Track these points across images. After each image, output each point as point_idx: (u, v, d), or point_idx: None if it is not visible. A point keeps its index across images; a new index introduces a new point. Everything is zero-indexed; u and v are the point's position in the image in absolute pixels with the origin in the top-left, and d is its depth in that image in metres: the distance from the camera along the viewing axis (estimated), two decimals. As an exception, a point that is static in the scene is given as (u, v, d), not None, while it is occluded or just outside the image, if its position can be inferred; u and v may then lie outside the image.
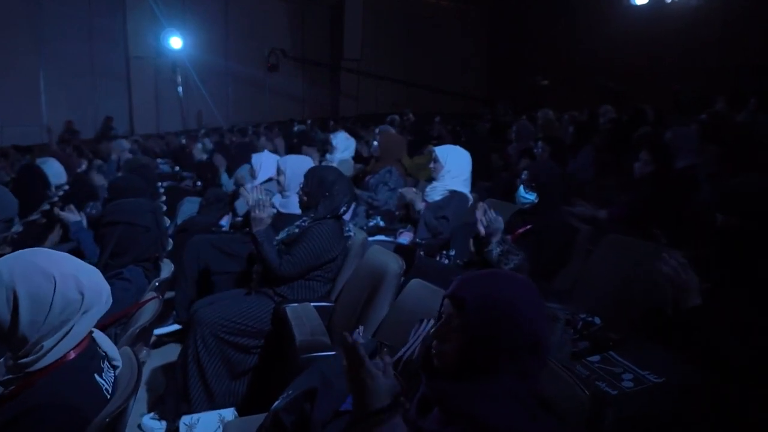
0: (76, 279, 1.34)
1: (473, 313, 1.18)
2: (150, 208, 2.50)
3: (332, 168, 3.01)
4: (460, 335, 1.20)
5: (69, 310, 1.31)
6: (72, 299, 1.31)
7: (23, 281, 1.27)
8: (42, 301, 1.28)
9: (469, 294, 1.20)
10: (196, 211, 5.18)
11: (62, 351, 1.32)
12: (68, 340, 1.33)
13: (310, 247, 2.69)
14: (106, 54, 14.75)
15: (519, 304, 1.18)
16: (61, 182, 6.30)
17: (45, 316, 1.28)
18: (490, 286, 1.22)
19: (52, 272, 1.31)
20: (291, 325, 2.22)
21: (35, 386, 1.30)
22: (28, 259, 1.33)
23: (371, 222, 4.12)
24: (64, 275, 1.32)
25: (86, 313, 1.35)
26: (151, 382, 3.14)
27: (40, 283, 1.28)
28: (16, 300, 1.26)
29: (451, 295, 1.25)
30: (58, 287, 1.30)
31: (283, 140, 7.93)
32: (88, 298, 1.34)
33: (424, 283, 1.98)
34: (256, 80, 16.76)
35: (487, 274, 1.30)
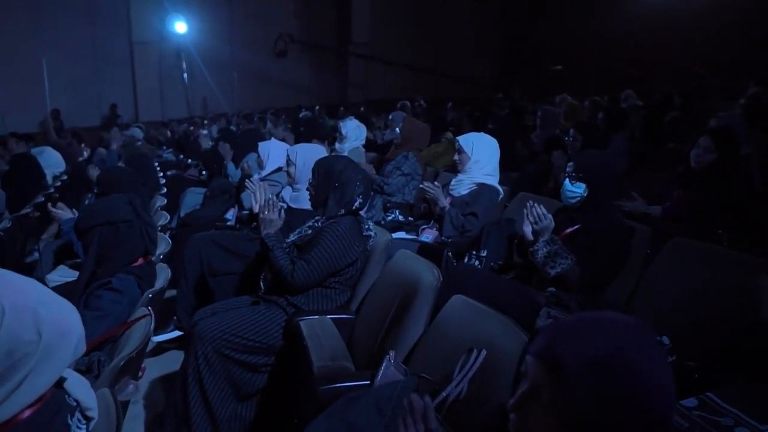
0: (35, 314, 1.00)
1: (578, 386, 0.81)
2: (125, 200, 2.15)
3: (341, 157, 2.66)
4: (554, 413, 0.84)
5: (18, 355, 0.98)
6: (24, 340, 0.98)
7: None
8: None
9: (568, 355, 0.83)
10: (199, 204, 4.88)
11: (12, 410, 1.00)
12: (19, 396, 1.00)
13: (326, 250, 2.34)
14: (109, 39, 14.44)
15: (642, 365, 0.81)
16: (59, 172, 6.02)
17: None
18: (597, 342, 0.83)
19: (2, 302, 0.98)
20: (307, 345, 1.89)
21: None
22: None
23: (389, 216, 3.79)
24: (18, 308, 0.99)
25: (46, 360, 1.01)
26: (149, 397, 2.85)
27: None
28: None
29: (541, 354, 0.87)
30: (6, 322, 0.97)
31: (290, 129, 7.58)
32: (47, 341, 1.01)
33: (468, 301, 1.63)
34: (262, 66, 16.41)
35: (587, 321, 0.89)
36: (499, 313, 1.49)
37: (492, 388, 1.34)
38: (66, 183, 5.73)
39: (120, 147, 7.01)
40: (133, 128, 8.31)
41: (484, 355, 1.38)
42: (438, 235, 3.27)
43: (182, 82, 15.16)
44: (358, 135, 5.12)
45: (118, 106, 14.29)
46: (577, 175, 2.43)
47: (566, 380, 0.82)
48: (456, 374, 1.40)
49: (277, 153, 4.06)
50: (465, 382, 1.37)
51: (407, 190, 4.13)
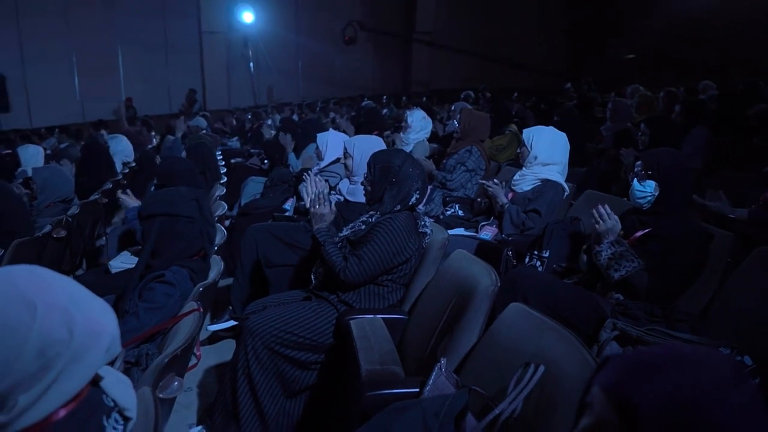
0: (67, 313, 0.98)
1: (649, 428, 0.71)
2: (192, 196, 2.15)
3: (398, 151, 2.57)
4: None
5: (50, 353, 0.96)
6: (55, 339, 0.96)
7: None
8: (13, 335, 0.93)
9: (642, 394, 0.73)
10: (260, 192, 4.93)
11: (45, 411, 0.97)
12: (53, 396, 0.98)
13: (379, 247, 2.27)
14: (179, 29, 14.90)
15: (728, 414, 0.70)
16: (129, 159, 6.23)
17: (17, 358, 0.93)
18: (677, 381, 0.73)
19: (35, 300, 0.96)
20: (356, 347, 1.83)
21: None
22: (11, 278, 0.99)
23: (448, 211, 3.68)
24: (50, 306, 0.97)
25: (78, 361, 0.99)
26: (203, 386, 2.88)
27: (16, 311, 0.94)
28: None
29: (611, 389, 0.77)
30: (38, 320, 0.95)
31: (350, 120, 7.55)
32: (78, 341, 0.98)
33: (527, 310, 1.51)
34: (326, 55, 16.50)
35: (667, 356, 0.78)
36: (562, 327, 1.37)
37: (549, 408, 1.23)
38: (134, 170, 5.92)
39: (184, 135, 7.19)
40: (198, 117, 8.50)
41: (542, 371, 1.27)
42: (498, 232, 3.14)
43: (248, 71, 15.45)
44: (423, 126, 5.02)
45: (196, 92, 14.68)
46: (645, 172, 2.25)
47: (637, 422, 0.72)
48: (510, 390, 1.30)
49: (335, 144, 4.02)
50: (520, 399, 1.27)
51: (470, 185, 4.00)
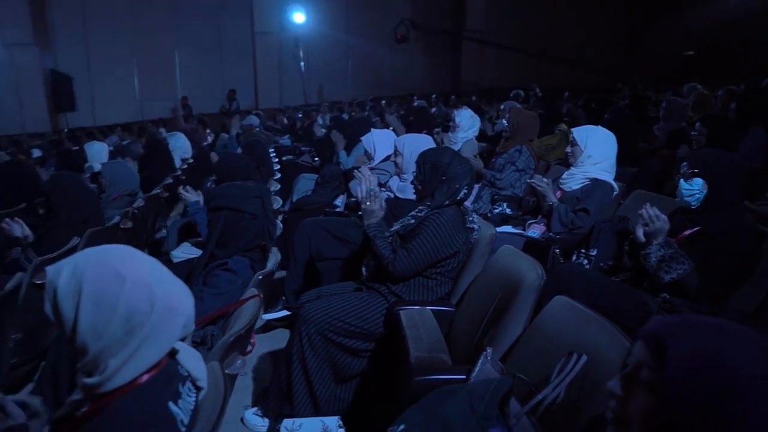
0: (150, 289, 1.12)
1: (675, 367, 0.82)
2: (257, 194, 2.30)
3: (446, 149, 2.65)
4: (651, 393, 0.85)
5: (134, 322, 1.10)
6: (139, 309, 1.10)
7: (92, 276, 1.08)
8: (105, 303, 1.08)
9: (673, 340, 0.85)
10: (311, 189, 5.07)
11: (132, 374, 1.11)
12: (138, 362, 1.12)
13: (427, 240, 2.35)
14: (233, 30, 15.34)
15: (746, 369, 0.80)
16: (186, 156, 6.50)
17: (107, 323, 1.08)
18: (706, 338, 0.84)
19: (125, 274, 1.10)
20: (405, 335, 1.92)
21: (103, 413, 1.10)
22: (104, 254, 1.15)
23: (496, 209, 3.72)
24: (137, 281, 1.11)
25: (158, 331, 1.13)
26: (257, 371, 3.02)
27: (107, 282, 1.09)
28: (80, 295, 1.07)
29: (647, 335, 0.89)
30: (126, 291, 1.09)
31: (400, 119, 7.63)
32: (157, 315, 1.12)
33: (571, 303, 1.57)
34: (376, 54, 16.61)
35: (704, 321, 0.90)
36: (604, 319, 1.42)
37: (591, 395, 1.29)
38: (192, 166, 6.17)
39: (239, 133, 7.43)
40: (251, 116, 8.75)
41: (585, 360, 1.33)
42: (545, 230, 3.17)
43: (299, 70, 15.74)
44: (471, 125, 5.06)
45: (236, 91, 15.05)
46: (692, 171, 2.25)
47: (666, 362, 0.83)
48: (554, 377, 1.36)
49: (383, 142, 4.12)
50: (563, 386, 1.33)
51: (519, 184, 4.03)
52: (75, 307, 1.07)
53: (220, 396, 1.24)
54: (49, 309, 1.10)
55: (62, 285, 1.07)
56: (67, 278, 1.08)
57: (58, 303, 1.08)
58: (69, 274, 1.08)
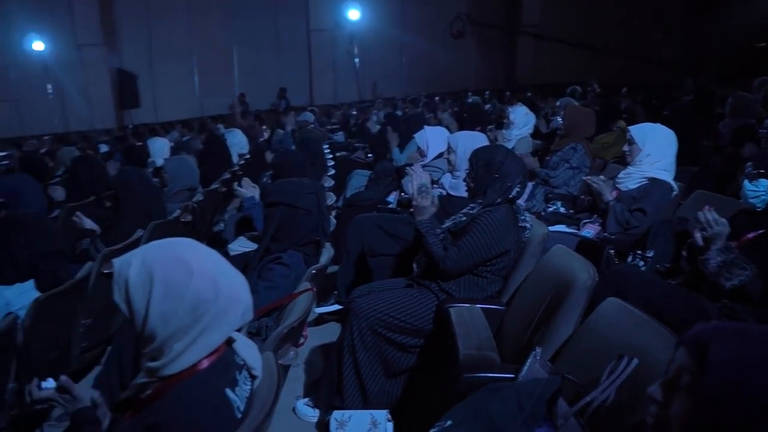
0: (214, 279, 1.19)
1: (716, 372, 0.82)
2: (312, 190, 2.36)
3: (499, 147, 2.64)
4: (692, 398, 0.85)
5: (200, 310, 1.17)
6: (205, 298, 1.17)
7: (162, 267, 1.16)
8: (175, 291, 1.16)
9: (714, 345, 0.84)
10: (364, 185, 5.12)
11: (193, 359, 1.19)
12: (200, 347, 1.19)
13: (478, 237, 2.35)
14: (289, 28, 15.62)
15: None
16: (243, 151, 6.68)
17: (175, 310, 1.16)
18: (749, 344, 0.84)
19: (192, 265, 1.18)
20: (455, 332, 1.93)
21: (165, 396, 1.17)
22: (172, 246, 1.23)
23: (550, 207, 3.68)
24: (203, 272, 1.19)
25: (220, 319, 1.19)
26: (309, 363, 3.09)
27: (176, 272, 1.17)
28: (152, 285, 1.15)
29: (689, 340, 0.89)
30: (193, 281, 1.16)
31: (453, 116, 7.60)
32: (222, 303, 1.19)
33: (623, 305, 1.55)
34: (430, 50, 16.54)
35: (748, 327, 0.91)
36: (657, 323, 1.40)
37: (641, 399, 1.27)
38: (248, 161, 6.34)
39: (294, 129, 7.57)
40: (306, 112, 8.89)
41: (636, 363, 1.31)
42: (600, 230, 3.11)
43: (353, 67, 15.87)
44: (526, 122, 5.01)
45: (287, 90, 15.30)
46: (757, 172, 2.17)
47: (706, 366, 0.82)
48: (603, 379, 1.35)
49: (436, 139, 4.12)
50: (612, 388, 1.32)
51: (573, 183, 3.96)
52: (146, 297, 1.14)
53: (274, 385, 1.30)
54: (118, 298, 1.17)
55: (133, 276, 1.15)
56: (138, 270, 1.15)
57: (129, 293, 1.15)
58: (139, 265, 1.16)
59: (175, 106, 15.25)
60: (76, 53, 14.93)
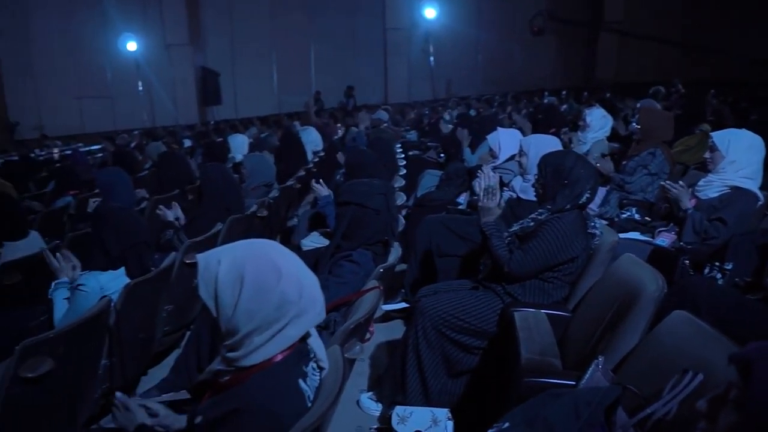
0: (299, 281, 1.29)
1: (757, 388, 0.84)
2: (382, 191, 2.44)
3: (569, 152, 2.61)
4: (737, 413, 0.87)
5: (284, 309, 1.26)
6: (290, 299, 1.27)
7: (253, 268, 1.25)
8: (264, 292, 1.25)
9: (759, 362, 0.86)
10: (435, 185, 5.15)
11: (270, 352, 1.28)
12: (278, 341, 1.28)
13: (545, 243, 2.35)
14: (365, 27, 15.84)
15: None
16: (318, 149, 6.86)
17: (261, 308, 1.25)
18: None
19: (281, 267, 1.28)
20: (518, 336, 1.95)
21: (242, 385, 1.27)
22: (262, 248, 1.32)
23: (624, 213, 3.59)
24: (290, 274, 1.28)
25: (299, 317, 1.29)
26: (374, 358, 3.16)
27: (267, 274, 1.26)
28: (242, 284, 1.23)
29: (737, 356, 0.91)
30: (281, 283, 1.26)
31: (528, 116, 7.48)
32: (303, 303, 1.29)
33: (692, 318, 1.52)
34: (506, 48, 16.33)
35: None
36: (726, 339, 1.37)
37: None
38: (322, 159, 6.51)
39: (367, 128, 7.69)
40: (380, 110, 9.01)
41: (701, 380, 1.29)
42: (676, 239, 3.01)
43: (428, 65, 15.89)
44: (603, 125, 4.87)
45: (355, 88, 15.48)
46: None
47: (751, 383, 0.84)
48: (666, 393, 1.33)
49: (509, 141, 4.10)
50: (674, 402, 1.30)
51: (650, 189, 3.82)
52: (235, 296, 1.24)
53: (339, 377, 1.37)
54: (205, 294, 1.27)
55: (224, 274, 1.24)
56: (228, 269, 1.25)
57: (218, 290, 1.25)
58: (229, 265, 1.25)
59: (254, 102, 15.83)
60: (165, 53, 15.79)
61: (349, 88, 15.43)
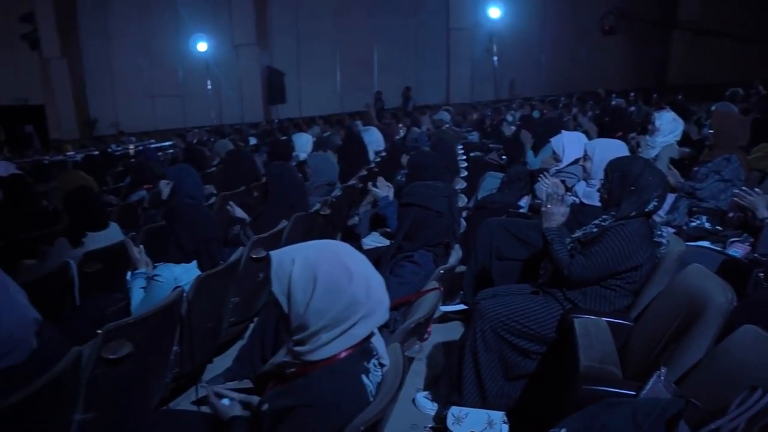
0: (368, 283, 1.35)
1: None
2: (445, 193, 2.48)
3: (637, 158, 2.56)
4: None
5: (352, 310, 1.32)
6: (358, 300, 1.33)
7: (326, 269, 1.32)
8: (335, 292, 1.31)
9: None
10: (496, 187, 5.13)
11: (336, 349, 1.33)
12: (345, 340, 1.34)
13: (608, 249, 2.31)
14: (428, 27, 15.87)
15: None
16: (379, 149, 6.94)
17: (331, 308, 1.31)
18: None
19: (352, 269, 1.34)
20: (577, 343, 1.94)
21: (307, 378, 1.33)
22: (334, 250, 1.38)
23: (693, 222, 3.47)
24: (359, 275, 1.34)
25: (366, 318, 1.34)
26: (431, 358, 3.19)
27: (339, 275, 1.32)
28: (315, 284, 1.30)
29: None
30: (352, 285, 1.32)
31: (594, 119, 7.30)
32: (371, 304, 1.34)
33: (763, 334, 1.47)
34: (573, 47, 15.95)
35: None
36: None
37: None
38: (384, 159, 6.58)
39: (429, 129, 7.71)
40: (442, 111, 9.00)
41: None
42: (750, 251, 2.89)
43: (491, 65, 15.74)
44: (673, 129, 4.71)
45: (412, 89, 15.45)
46: None
47: None
48: (733, 409, 1.31)
49: (573, 145, 4.03)
50: (743, 419, 1.27)
51: (723, 196, 3.67)
52: (308, 295, 1.31)
53: (399, 374, 1.42)
54: (278, 290, 1.34)
55: (297, 273, 1.31)
56: (302, 268, 1.31)
57: (291, 288, 1.32)
58: (303, 264, 1.32)
59: (318, 101, 16.14)
60: (233, 52, 16.31)
61: (407, 88, 15.47)
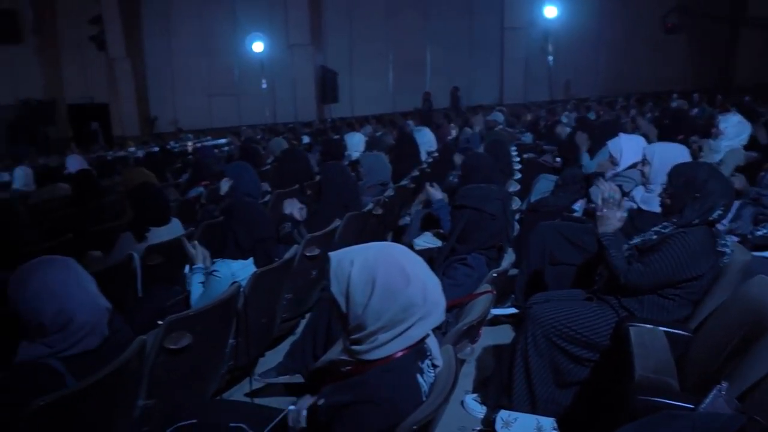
0: (425, 286, 1.37)
1: None
2: (499, 196, 2.48)
3: (702, 164, 2.48)
4: None
5: (409, 312, 1.35)
6: (415, 302, 1.35)
7: (384, 272, 1.35)
8: (393, 295, 1.33)
9: None
10: (550, 190, 5.05)
11: (393, 349, 1.36)
12: (401, 340, 1.36)
13: (668, 257, 2.26)
14: (482, 27, 15.75)
15: None
16: (431, 149, 6.94)
17: (389, 310, 1.34)
18: None
19: (409, 272, 1.36)
20: (632, 352, 1.90)
21: (363, 375, 1.36)
22: (393, 253, 1.41)
23: (759, 231, 3.33)
24: (417, 279, 1.36)
25: (423, 320, 1.37)
26: (481, 361, 3.18)
27: (397, 278, 1.34)
28: (373, 286, 1.33)
29: None
30: (409, 288, 1.34)
31: (654, 121, 7.08)
32: (427, 307, 1.36)
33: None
34: (631, 46, 15.48)
35: None
36: None
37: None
38: (436, 160, 6.57)
39: (482, 130, 7.65)
40: (495, 112, 8.92)
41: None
42: (820, 261, 2.76)
43: (546, 65, 15.48)
44: (738, 132, 4.53)
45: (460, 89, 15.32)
46: None
47: None
48: (798, 427, 1.26)
49: (631, 148, 3.93)
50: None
51: (792, 204, 3.52)
52: (366, 296, 1.34)
53: (452, 375, 1.43)
54: (336, 290, 1.38)
55: (356, 274, 1.35)
56: (360, 270, 1.35)
57: (350, 289, 1.35)
58: (362, 265, 1.35)
59: (370, 101, 16.25)
60: (288, 52, 16.60)
61: (455, 88, 15.39)
